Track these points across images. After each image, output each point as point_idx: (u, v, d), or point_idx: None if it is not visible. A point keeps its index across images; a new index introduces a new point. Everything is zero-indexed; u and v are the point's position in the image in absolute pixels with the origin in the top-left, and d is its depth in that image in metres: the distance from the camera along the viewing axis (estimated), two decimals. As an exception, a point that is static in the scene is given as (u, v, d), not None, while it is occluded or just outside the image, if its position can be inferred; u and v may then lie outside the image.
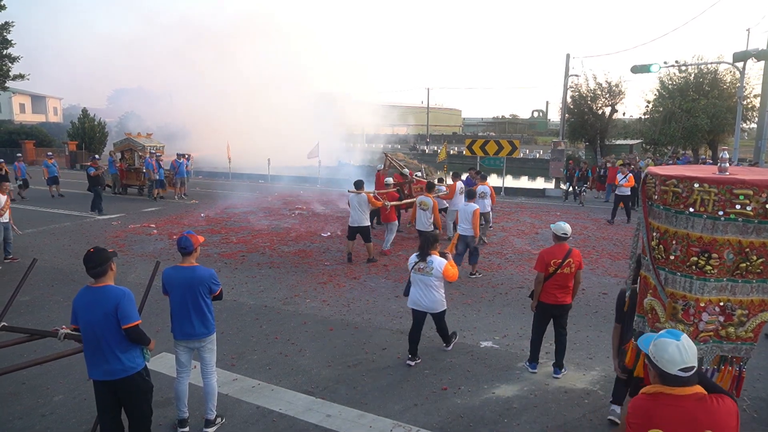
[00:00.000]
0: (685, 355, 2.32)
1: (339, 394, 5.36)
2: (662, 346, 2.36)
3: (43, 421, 4.86)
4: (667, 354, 2.33)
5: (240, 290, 8.71)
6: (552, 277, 5.57)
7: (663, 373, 2.35)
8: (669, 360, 2.32)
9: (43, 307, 7.88)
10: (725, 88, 27.76)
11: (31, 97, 58.85)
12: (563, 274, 5.54)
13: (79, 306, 3.79)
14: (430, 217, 10.09)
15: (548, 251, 5.67)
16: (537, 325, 5.87)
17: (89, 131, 35.49)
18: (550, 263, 5.57)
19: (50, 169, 19.46)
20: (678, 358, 2.31)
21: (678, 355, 2.31)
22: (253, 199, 19.26)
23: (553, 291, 5.62)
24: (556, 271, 5.54)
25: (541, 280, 5.65)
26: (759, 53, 17.01)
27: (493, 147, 21.22)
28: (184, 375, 4.68)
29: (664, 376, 2.35)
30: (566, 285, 5.61)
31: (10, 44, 30.91)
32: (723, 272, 3.54)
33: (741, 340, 3.67)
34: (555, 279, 5.57)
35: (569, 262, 5.54)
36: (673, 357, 2.32)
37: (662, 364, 2.34)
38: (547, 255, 5.63)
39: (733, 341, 3.67)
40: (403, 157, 19.21)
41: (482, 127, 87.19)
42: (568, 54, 25.27)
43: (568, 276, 5.57)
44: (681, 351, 2.32)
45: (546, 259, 5.59)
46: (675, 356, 2.32)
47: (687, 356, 2.32)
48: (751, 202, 3.41)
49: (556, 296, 5.63)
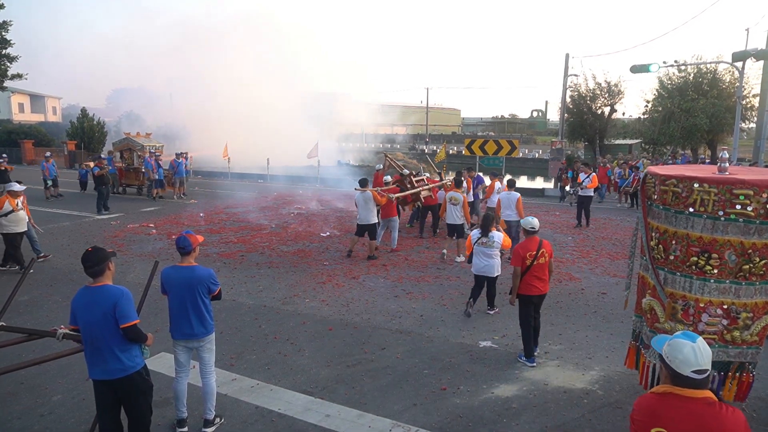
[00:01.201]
0: (700, 357, 2.30)
1: (338, 393, 5.35)
2: (677, 347, 2.34)
3: (42, 421, 4.85)
4: (681, 355, 2.32)
5: (239, 290, 8.70)
6: (530, 269, 5.94)
7: (675, 373, 2.33)
8: (683, 361, 2.31)
9: (42, 306, 7.87)
10: (724, 87, 27.74)
11: (30, 96, 58.74)
12: (539, 264, 5.96)
13: (78, 306, 3.79)
14: (461, 211, 10.55)
15: (522, 246, 6.06)
16: (525, 318, 6.11)
17: (88, 131, 35.43)
18: (525, 257, 5.94)
19: (49, 169, 19.43)
20: (692, 360, 2.30)
21: (693, 356, 2.30)
22: (253, 199, 19.24)
23: (533, 282, 5.98)
24: (532, 263, 5.93)
25: (518, 274, 5.99)
26: (758, 53, 17.00)
27: (492, 147, 21.20)
28: (183, 375, 4.68)
29: (677, 377, 2.33)
30: (543, 275, 6.04)
31: (8, 44, 30.84)
32: (725, 274, 3.52)
33: (746, 344, 3.64)
34: (533, 271, 5.95)
35: (542, 252, 5.99)
36: (687, 358, 2.30)
37: (676, 364, 2.33)
38: (522, 249, 5.99)
39: (739, 345, 3.64)
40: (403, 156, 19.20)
41: (481, 127, 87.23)
42: (567, 54, 25.33)
43: (543, 266, 6.01)
44: (696, 353, 2.30)
45: (521, 253, 5.96)
46: (689, 357, 2.30)
47: (702, 359, 2.30)
48: (751, 202, 3.40)
49: (537, 287, 6.01)
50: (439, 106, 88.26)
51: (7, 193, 9.69)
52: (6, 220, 9.45)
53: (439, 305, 7.98)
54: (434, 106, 79.10)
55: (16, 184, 10.00)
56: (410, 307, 7.87)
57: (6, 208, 9.43)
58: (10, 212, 9.46)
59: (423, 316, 7.50)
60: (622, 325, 7.03)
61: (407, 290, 8.69)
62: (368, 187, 10.93)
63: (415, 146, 57.26)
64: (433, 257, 10.90)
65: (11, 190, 9.69)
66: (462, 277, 9.40)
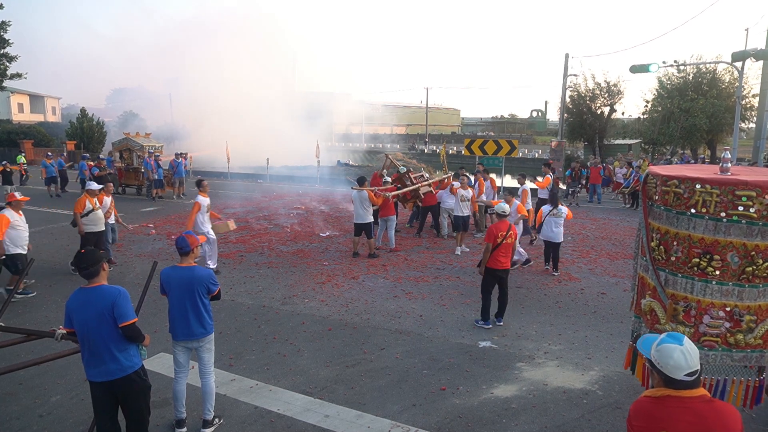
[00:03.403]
0: (690, 359, 2.29)
1: (337, 394, 5.34)
2: (667, 352, 2.32)
3: (41, 422, 4.83)
4: (672, 360, 2.30)
5: (238, 290, 8.69)
6: (499, 247, 7.01)
7: (669, 378, 2.32)
8: (675, 366, 2.29)
9: (41, 307, 7.85)
10: (724, 87, 27.75)
11: (29, 96, 58.67)
12: (506, 244, 7.07)
13: (73, 307, 3.77)
14: (470, 206, 11.86)
15: (495, 226, 7.14)
16: (486, 287, 7.15)
17: (87, 131, 35.43)
18: (498, 235, 7.01)
19: (48, 169, 19.44)
20: (683, 364, 2.29)
21: (683, 360, 2.29)
22: (252, 199, 19.23)
23: (499, 258, 7.06)
24: (501, 242, 7.00)
25: (489, 249, 7.03)
26: (757, 53, 16.99)
27: (492, 147, 21.14)
28: (182, 375, 4.66)
29: (670, 381, 2.33)
30: (508, 252, 7.19)
31: (7, 43, 30.83)
32: (728, 276, 3.49)
33: (750, 347, 3.60)
34: (501, 248, 7.04)
35: (510, 234, 7.12)
36: (678, 363, 2.29)
37: (668, 370, 2.31)
38: (495, 229, 7.09)
39: (743, 349, 3.61)
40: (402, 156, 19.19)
41: (481, 127, 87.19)
42: (567, 54, 25.24)
43: (509, 245, 7.15)
44: (686, 356, 2.29)
45: (494, 232, 7.04)
46: (680, 362, 2.29)
47: (692, 360, 2.29)
48: (754, 203, 3.37)
49: (502, 262, 7.08)
50: (439, 106, 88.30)
51: (86, 193, 9.70)
52: (86, 219, 9.46)
53: (439, 305, 7.97)
54: (434, 106, 79.16)
55: (94, 183, 10.06)
56: (410, 308, 7.86)
57: (87, 207, 9.46)
58: (91, 211, 9.49)
59: (422, 317, 7.49)
60: (622, 325, 7.03)
61: (407, 290, 8.67)
62: (365, 186, 10.92)
63: (414, 146, 57.26)
64: (432, 257, 10.89)
65: (90, 189, 9.72)
66: (462, 278, 9.39)
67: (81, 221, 9.37)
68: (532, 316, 7.51)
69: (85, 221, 9.39)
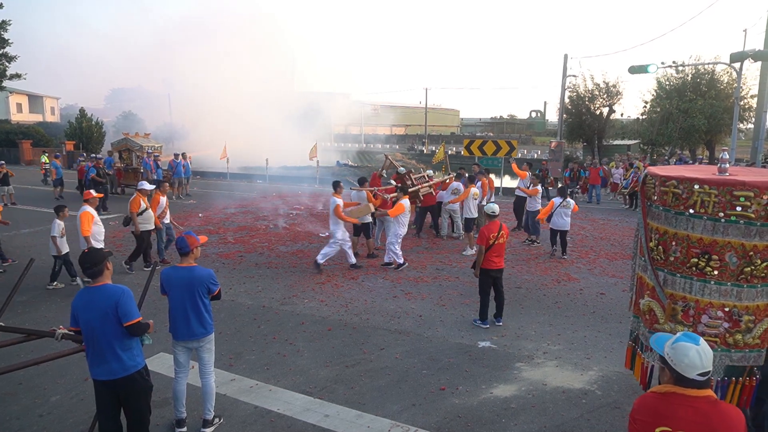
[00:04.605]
0: (705, 359, 2.32)
1: (337, 394, 5.35)
2: (682, 351, 2.35)
3: (41, 422, 4.84)
4: (687, 359, 2.33)
5: (238, 290, 8.70)
6: (492, 247, 6.99)
7: (681, 376, 2.35)
8: (689, 365, 2.32)
9: (40, 306, 7.86)
10: (722, 88, 27.74)
11: (28, 96, 58.56)
12: (499, 244, 7.05)
13: (78, 306, 3.80)
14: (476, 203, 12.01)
15: (487, 228, 7.07)
16: (483, 287, 7.18)
17: (86, 131, 35.33)
18: (489, 237, 6.98)
19: (58, 170, 19.44)
20: (698, 363, 2.31)
21: (698, 360, 2.31)
22: (251, 199, 19.22)
23: (493, 259, 7.05)
24: (494, 242, 6.98)
25: (482, 251, 7.01)
26: (756, 54, 17.02)
27: (491, 147, 21.22)
28: (182, 375, 4.67)
29: (681, 379, 2.35)
30: (501, 252, 7.17)
31: (7, 43, 30.81)
32: (726, 276, 3.50)
33: (749, 347, 3.62)
34: (494, 249, 7.03)
35: (502, 234, 7.07)
36: (693, 362, 2.31)
37: (681, 368, 2.33)
38: (486, 231, 7.03)
39: (741, 349, 3.62)
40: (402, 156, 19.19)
41: (480, 128, 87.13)
42: (566, 54, 25.24)
43: (502, 245, 7.13)
44: (701, 356, 2.32)
45: (486, 234, 7.00)
46: (695, 361, 2.31)
47: (707, 361, 2.32)
48: (752, 204, 3.38)
49: (496, 262, 7.08)
50: (438, 107, 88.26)
51: (138, 192, 9.82)
52: (140, 218, 9.60)
53: (438, 306, 7.98)
54: (433, 107, 79.12)
55: (146, 182, 10.26)
56: (409, 308, 7.87)
57: (142, 206, 9.62)
58: (145, 210, 9.65)
59: (422, 317, 7.50)
60: (621, 325, 7.04)
61: (406, 290, 8.69)
62: (365, 187, 10.93)
63: (414, 146, 57.25)
64: (432, 257, 10.91)
65: (142, 189, 9.86)
66: (461, 278, 9.41)
67: (137, 220, 9.55)
68: (531, 317, 7.52)
69: (140, 219, 9.60)
